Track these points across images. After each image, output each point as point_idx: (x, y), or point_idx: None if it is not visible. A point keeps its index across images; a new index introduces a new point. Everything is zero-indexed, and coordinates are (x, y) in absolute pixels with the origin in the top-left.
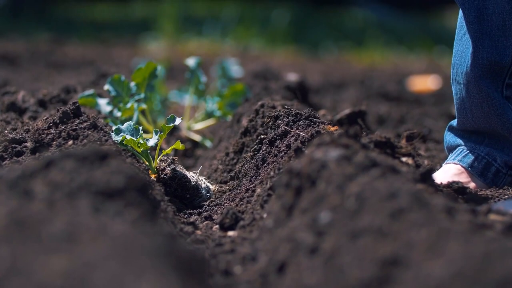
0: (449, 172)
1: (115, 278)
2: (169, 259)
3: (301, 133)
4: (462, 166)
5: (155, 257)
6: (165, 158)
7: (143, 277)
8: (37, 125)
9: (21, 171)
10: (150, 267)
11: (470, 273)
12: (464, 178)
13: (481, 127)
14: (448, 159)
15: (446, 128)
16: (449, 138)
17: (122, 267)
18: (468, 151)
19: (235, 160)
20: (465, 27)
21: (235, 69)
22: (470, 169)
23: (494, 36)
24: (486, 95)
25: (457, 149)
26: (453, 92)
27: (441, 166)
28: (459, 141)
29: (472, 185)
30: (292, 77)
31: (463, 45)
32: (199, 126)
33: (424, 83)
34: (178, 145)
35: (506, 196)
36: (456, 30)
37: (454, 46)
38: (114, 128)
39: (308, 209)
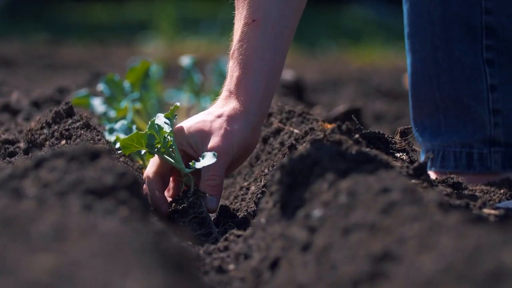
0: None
1: (101, 275)
2: (157, 256)
3: (294, 130)
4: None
5: (143, 254)
6: None
7: (130, 274)
8: (30, 125)
9: (12, 170)
10: (137, 264)
11: (460, 267)
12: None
13: (442, 96)
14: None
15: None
16: (414, 134)
17: (109, 264)
18: (441, 153)
19: None
20: None
21: None
22: (456, 170)
23: None
24: (457, 59)
25: (426, 152)
26: (410, 63)
27: None
28: (421, 139)
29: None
30: (288, 75)
31: (425, 12)
32: None
33: None
34: None
35: (501, 191)
36: (407, 5)
37: (407, 17)
38: (107, 127)
39: (301, 206)
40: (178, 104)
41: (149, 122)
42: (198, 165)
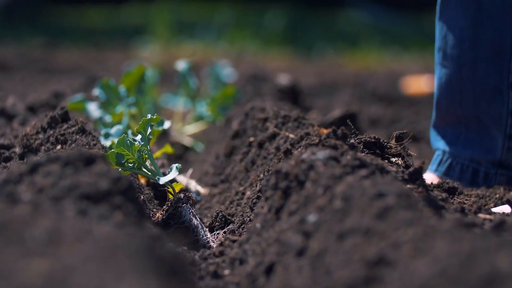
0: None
1: (96, 279)
2: (152, 261)
3: (290, 135)
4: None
5: (138, 259)
6: None
7: (124, 279)
8: (25, 130)
9: (7, 175)
10: (132, 269)
11: (455, 271)
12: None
13: (464, 112)
14: (429, 167)
15: (431, 125)
16: (432, 136)
17: (103, 269)
18: (450, 160)
19: (225, 163)
20: (459, 6)
21: (227, 72)
22: (459, 181)
23: (494, 15)
24: (480, 79)
25: (437, 154)
26: (437, 76)
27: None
28: (438, 143)
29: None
30: (283, 79)
31: (456, 29)
32: (190, 130)
33: (418, 85)
34: (168, 149)
35: (497, 195)
36: (440, 22)
37: (439, 32)
38: (103, 132)
39: (296, 211)
40: (154, 116)
41: (117, 139)
42: (162, 180)
